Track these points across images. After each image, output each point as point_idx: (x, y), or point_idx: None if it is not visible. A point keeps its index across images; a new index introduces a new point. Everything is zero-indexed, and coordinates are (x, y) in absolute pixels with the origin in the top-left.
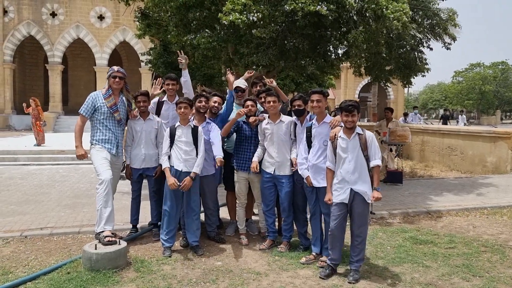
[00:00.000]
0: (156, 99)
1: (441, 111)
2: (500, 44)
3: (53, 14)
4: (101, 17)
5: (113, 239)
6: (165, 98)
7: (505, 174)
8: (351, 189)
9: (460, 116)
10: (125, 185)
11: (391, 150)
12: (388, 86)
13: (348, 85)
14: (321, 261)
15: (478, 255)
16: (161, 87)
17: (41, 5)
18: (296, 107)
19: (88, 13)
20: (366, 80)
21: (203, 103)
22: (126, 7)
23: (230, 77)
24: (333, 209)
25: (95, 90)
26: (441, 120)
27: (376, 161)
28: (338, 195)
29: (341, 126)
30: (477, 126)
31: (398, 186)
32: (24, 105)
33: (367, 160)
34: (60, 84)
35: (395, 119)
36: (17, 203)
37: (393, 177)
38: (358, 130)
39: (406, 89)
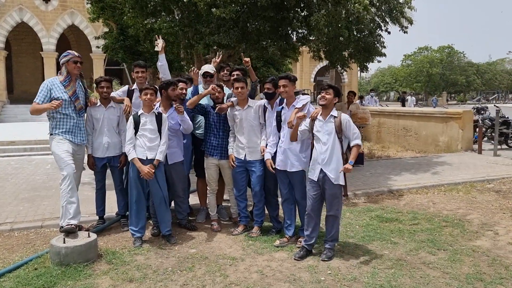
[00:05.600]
0: (125, 88)
1: (392, 94)
2: (446, 28)
3: None
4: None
5: (73, 225)
6: (135, 86)
7: (457, 153)
8: (321, 169)
9: (409, 97)
10: (86, 175)
11: None
12: (346, 70)
13: (304, 69)
14: (299, 242)
15: (441, 230)
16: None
17: None
18: (265, 90)
19: None
20: (321, 64)
21: (184, 90)
22: None
23: (194, 74)
24: (308, 190)
25: (43, 76)
26: (400, 102)
27: (355, 141)
28: (311, 172)
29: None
30: (425, 107)
31: (360, 167)
32: None
33: (341, 142)
34: (4, 71)
35: (355, 102)
36: None
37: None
38: (334, 113)
39: (359, 73)
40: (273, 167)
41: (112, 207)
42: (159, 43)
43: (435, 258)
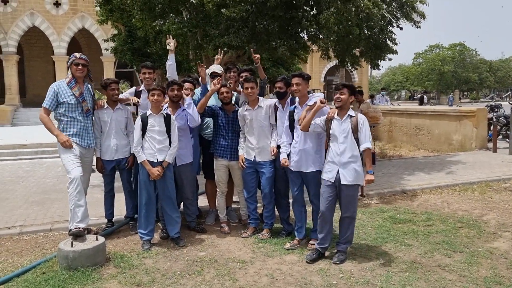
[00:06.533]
0: (133, 89)
1: (403, 93)
2: (457, 26)
3: (5, 1)
4: (57, 4)
5: (81, 229)
6: (142, 88)
7: (470, 151)
8: (338, 170)
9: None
10: (95, 178)
11: None
12: (356, 68)
13: (313, 69)
14: (311, 244)
15: (456, 231)
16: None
17: None
18: (277, 89)
19: (42, 0)
20: (331, 63)
21: (176, 91)
22: None
23: (202, 72)
24: (323, 191)
25: (54, 80)
26: (418, 101)
27: (366, 144)
28: (327, 174)
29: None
30: (437, 105)
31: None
32: None
33: (358, 143)
34: (16, 75)
35: (367, 101)
36: None
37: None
38: (351, 112)
39: (369, 72)
40: (288, 165)
41: (120, 210)
42: (171, 43)
43: (451, 260)
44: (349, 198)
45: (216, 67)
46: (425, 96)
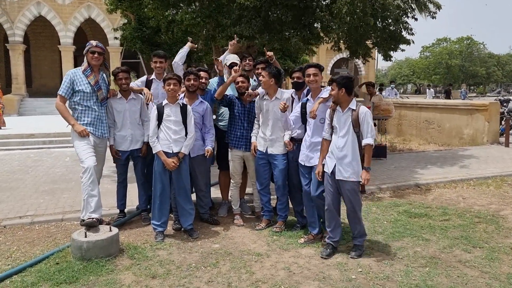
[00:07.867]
0: (144, 78)
1: (409, 86)
2: (465, 19)
3: None
4: None
5: (94, 219)
6: (153, 76)
7: (482, 146)
8: (335, 164)
9: (427, 90)
10: (106, 168)
11: (375, 125)
12: (368, 61)
13: (320, 61)
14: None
15: (474, 226)
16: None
17: None
18: (295, 80)
19: None
20: (338, 55)
21: (192, 81)
22: None
23: (220, 66)
24: (325, 184)
25: (61, 70)
26: (445, 94)
27: (367, 140)
28: (326, 166)
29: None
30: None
31: (382, 160)
32: None
33: (359, 137)
34: (22, 64)
35: (378, 93)
36: None
37: (377, 152)
38: (352, 105)
39: (376, 65)
40: (291, 148)
41: (133, 201)
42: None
43: (471, 256)
44: (348, 193)
45: (233, 57)
46: (427, 90)
